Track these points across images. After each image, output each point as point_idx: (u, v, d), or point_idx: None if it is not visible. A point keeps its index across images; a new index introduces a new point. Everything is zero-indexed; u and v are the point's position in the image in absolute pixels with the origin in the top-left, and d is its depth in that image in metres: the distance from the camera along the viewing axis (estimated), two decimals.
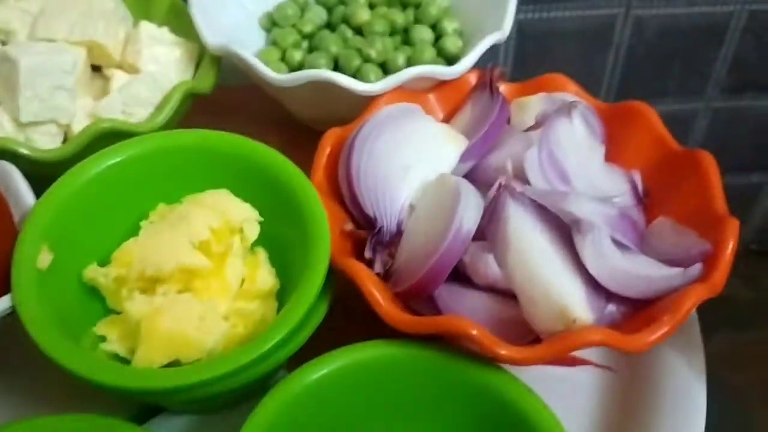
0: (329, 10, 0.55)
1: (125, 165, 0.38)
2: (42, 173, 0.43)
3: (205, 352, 0.34)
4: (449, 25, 0.52)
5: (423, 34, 0.52)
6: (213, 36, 0.47)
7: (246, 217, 0.37)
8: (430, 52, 0.50)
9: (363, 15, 0.52)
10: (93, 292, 0.37)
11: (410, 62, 0.50)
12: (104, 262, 0.37)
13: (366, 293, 0.33)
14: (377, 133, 0.39)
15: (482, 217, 0.35)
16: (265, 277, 0.37)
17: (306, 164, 0.40)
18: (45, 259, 0.34)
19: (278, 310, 0.37)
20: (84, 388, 0.32)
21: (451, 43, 0.51)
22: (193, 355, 0.34)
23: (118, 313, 0.37)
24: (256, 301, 0.37)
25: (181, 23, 0.54)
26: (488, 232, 0.35)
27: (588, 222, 0.33)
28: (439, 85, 0.47)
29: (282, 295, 0.38)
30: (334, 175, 0.41)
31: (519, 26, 0.73)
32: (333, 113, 0.49)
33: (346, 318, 0.36)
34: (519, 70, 0.77)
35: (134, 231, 0.38)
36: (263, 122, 0.57)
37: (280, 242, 0.38)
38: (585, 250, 0.33)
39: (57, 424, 0.32)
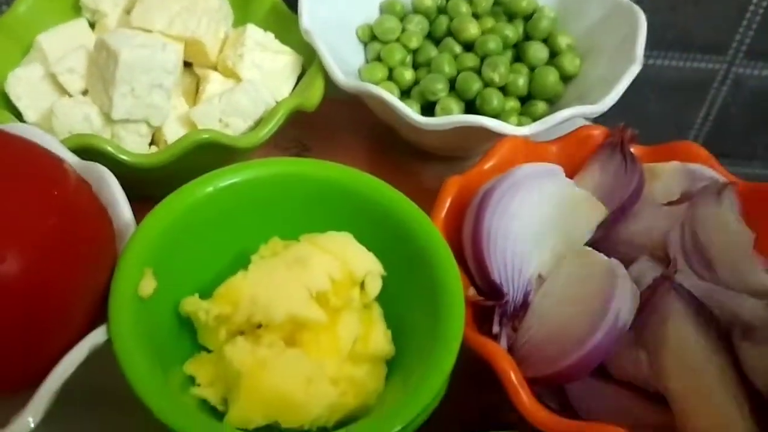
0: (429, 19, 0.52)
1: (238, 189, 0.34)
2: (127, 175, 0.40)
3: (310, 419, 0.30)
4: (563, 41, 0.50)
5: (539, 52, 0.50)
6: (342, 73, 0.45)
7: (369, 270, 0.33)
8: (553, 74, 0.49)
9: (472, 29, 0.49)
10: (184, 324, 0.33)
11: (532, 85, 0.49)
12: (204, 294, 0.33)
13: (508, 385, 0.30)
14: (513, 193, 0.35)
15: None
16: (380, 341, 0.33)
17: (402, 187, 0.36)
18: (148, 285, 0.31)
19: (386, 377, 0.33)
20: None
21: (569, 62, 0.50)
22: (296, 420, 0.30)
23: (209, 350, 0.33)
24: (365, 365, 0.33)
25: (281, 27, 0.50)
26: (638, 324, 0.32)
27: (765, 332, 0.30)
28: (563, 137, 0.43)
29: (393, 361, 0.34)
30: (454, 229, 0.37)
31: None
32: (451, 144, 0.46)
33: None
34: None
35: (240, 262, 0.34)
36: (357, 137, 0.55)
37: (398, 300, 0.34)
38: (756, 363, 0.30)
39: None
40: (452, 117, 0.42)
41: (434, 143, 0.49)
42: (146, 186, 0.43)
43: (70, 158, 0.36)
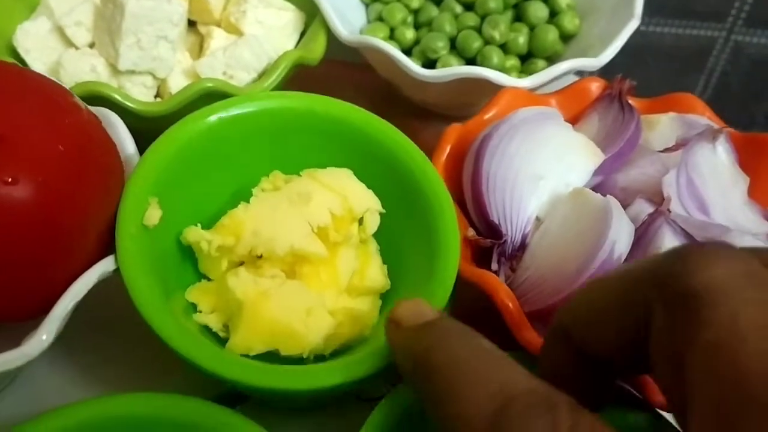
0: None
1: (241, 120, 0.35)
2: (133, 125, 0.41)
3: (308, 348, 0.31)
4: (563, 0, 0.51)
5: (539, 11, 0.50)
6: (344, 28, 0.45)
7: (369, 206, 0.34)
8: (553, 32, 0.50)
9: None
10: (186, 253, 0.34)
11: (531, 43, 0.50)
12: (205, 224, 0.34)
13: (506, 314, 0.31)
14: (511, 136, 0.36)
15: None
16: (376, 274, 0.34)
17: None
18: (154, 215, 0.32)
19: (381, 310, 0.34)
20: (168, 360, 0.29)
21: (569, 21, 0.50)
22: (295, 349, 0.31)
23: (209, 279, 0.34)
24: (360, 298, 0.34)
25: None
26: (633, 258, 0.32)
27: None
28: (562, 90, 0.44)
29: (387, 295, 0.35)
30: (453, 175, 0.38)
31: None
32: (453, 99, 0.47)
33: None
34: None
35: (241, 195, 0.35)
36: (358, 97, 0.55)
37: (393, 236, 0.35)
38: None
39: (143, 402, 0.29)
40: (453, 69, 0.43)
41: (435, 99, 0.50)
42: (152, 138, 0.44)
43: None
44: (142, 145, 0.36)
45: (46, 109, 0.28)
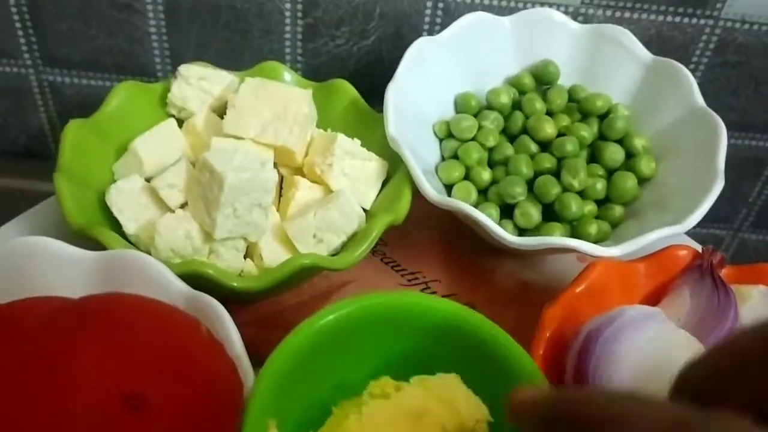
0: (504, 114, 0.53)
1: (345, 322, 0.35)
2: (226, 294, 0.41)
3: None
4: (638, 143, 0.51)
5: (616, 154, 0.51)
6: (432, 189, 0.46)
7: (478, 417, 0.34)
8: (631, 180, 0.50)
9: (549, 129, 0.51)
10: None
11: (609, 189, 0.50)
12: (308, 415, 0.34)
13: None
14: (617, 336, 0.37)
15: None
16: None
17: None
18: None
19: None
20: None
21: (645, 165, 0.51)
22: None
23: None
24: None
25: (360, 121, 0.52)
26: None
27: None
28: (650, 257, 0.44)
29: None
30: (550, 358, 0.38)
31: None
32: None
33: None
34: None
35: (344, 387, 0.35)
36: (430, 229, 0.56)
37: None
38: None
39: None
40: (545, 239, 0.43)
41: (513, 249, 0.50)
42: (238, 296, 0.44)
43: (182, 287, 0.38)
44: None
45: (182, 357, 0.28)
